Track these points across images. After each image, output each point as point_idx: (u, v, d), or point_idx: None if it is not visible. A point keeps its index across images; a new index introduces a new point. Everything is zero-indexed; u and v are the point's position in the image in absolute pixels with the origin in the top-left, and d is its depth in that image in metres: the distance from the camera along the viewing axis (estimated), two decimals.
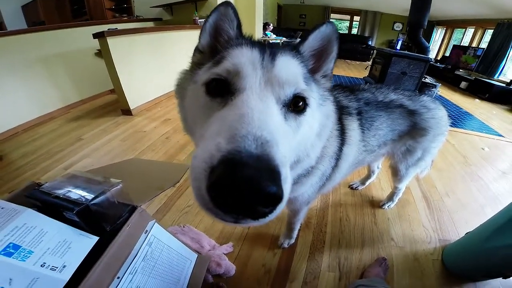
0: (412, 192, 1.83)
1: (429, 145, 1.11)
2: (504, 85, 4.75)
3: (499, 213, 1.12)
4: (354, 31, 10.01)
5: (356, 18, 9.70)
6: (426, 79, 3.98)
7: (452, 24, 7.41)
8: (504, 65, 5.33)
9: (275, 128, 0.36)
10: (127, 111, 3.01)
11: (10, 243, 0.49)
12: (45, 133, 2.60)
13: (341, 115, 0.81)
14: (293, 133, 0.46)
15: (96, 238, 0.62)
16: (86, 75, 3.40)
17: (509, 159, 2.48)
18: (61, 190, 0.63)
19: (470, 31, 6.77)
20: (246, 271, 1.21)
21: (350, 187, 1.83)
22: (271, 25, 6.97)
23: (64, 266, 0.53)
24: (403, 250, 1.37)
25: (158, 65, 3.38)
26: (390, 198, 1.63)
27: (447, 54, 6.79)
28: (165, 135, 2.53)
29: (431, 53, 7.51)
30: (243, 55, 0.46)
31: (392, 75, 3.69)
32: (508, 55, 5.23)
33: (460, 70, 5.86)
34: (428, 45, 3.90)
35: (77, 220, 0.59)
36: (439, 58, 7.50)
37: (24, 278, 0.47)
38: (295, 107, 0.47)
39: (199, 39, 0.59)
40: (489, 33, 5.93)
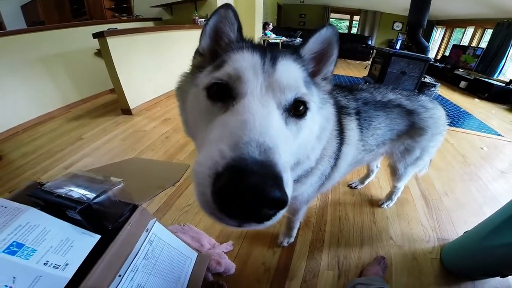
0: (411, 191, 1.84)
1: (428, 144, 1.12)
2: (503, 84, 4.77)
3: (497, 212, 1.13)
4: (354, 31, 10.00)
5: (356, 17, 9.69)
6: (426, 78, 3.98)
7: (451, 24, 7.41)
8: (504, 64, 5.33)
9: (277, 134, 0.37)
10: (127, 111, 3.02)
11: (14, 241, 0.49)
12: (45, 132, 2.60)
13: (340, 115, 0.82)
14: (293, 137, 0.47)
15: (98, 237, 0.62)
16: (86, 75, 3.40)
17: (508, 159, 2.49)
18: (63, 189, 0.63)
19: (469, 31, 6.77)
20: (246, 270, 1.21)
21: (350, 186, 1.84)
22: (271, 24, 6.97)
23: (66, 264, 0.54)
24: (402, 249, 1.38)
25: (157, 64, 3.38)
26: (389, 197, 1.64)
27: (447, 54, 6.79)
28: (164, 134, 2.53)
29: (431, 53, 7.50)
30: (244, 59, 0.46)
31: (392, 74, 3.70)
32: (507, 55, 5.23)
33: (460, 69, 5.86)
34: (428, 44, 3.91)
35: (80, 218, 0.60)
36: (438, 58, 7.50)
37: (27, 276, 0.48)
38: (295, 111, 0.47)
39: (200, 42, 0.58)
40: (488, 32, 5.93)
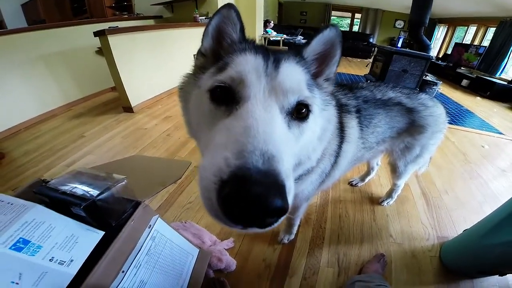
0: (411, 189, 1.84)
1: (427, 142, 1.13)
2: (505, 83, 4.74)
3: (496, 211, 1.13)
4: (355, 29, 9.95)
5: (358, 15, 9.63)
6: (427, 76, 3.97)
7: (454, 22, 7.35)
8: (506, 63, 5.31)
9: (280, 140, 0.37)
10: (128, 109, 3.03)
11: (20, 238, 0.50)
12: (47, 130, 2.61)
13: (340, 113, 0.82)
14: (295, 140, 0.47)
15: (102, 233, 0.63)
16: (87, 73, 3.41)
17: (509, 157, 2.48)
18: (68, 186, 0.64)
19: (472, 29, 6.72)
20: (247, 266, 1.23)
21: (350, 183, 1.85)
22: (272, 22, 6.95)
23: (71, 261, 0.54)
24: (402, 247, 1.38)
25: (158, 62, 3.38)
26: (389, 195, 1.64)
27: (449, 52, 6.75)
28: (166, 132, 2.55)
29: (433, 51, 7.48)
30: (247, 62, 0.46)
31: (393, 72, 3.70)
32: (510, 53, 5.20)
33: (462, 68, 5.83)
34: (429, 43, 3.89)
35: (84, 215, 0.61)
36: (440, 56, 7.47)
37: (33, 273, 0.48)
38: (298, 113, 0.47)
39: (202, 43, 0.58)
40: (491, 31, 5.88)
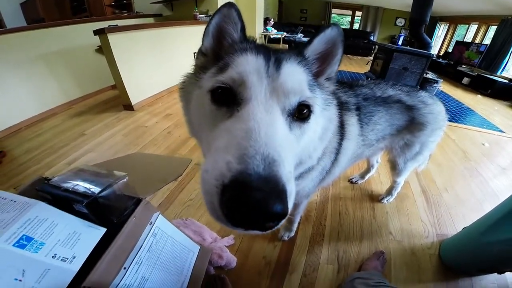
0: (411, 187, 1.85)
1: (427, 139, 1.13)
2: (506, 81, 4.72)
3: (495, 209, 1.13)
4: (356, 26, 9.89)
5: (358, 13, 9.57)
6: (428, 74, 3.96)
7: (455, 20, 7.31)
8: (508, 61, 5.28)
9: (281, 143, 0.37)
10: (128, 106, 3.03)
11: (23, 235, 0.50)
12: (48, 129, 2.62)
13: (341, 110, 0.82)
14: (297, 141, 0.47)
15: (104, 229, 0.63)
16: (87, 71, 3.41)
17: (509, 156, 2.48)
18: (70, 183, 0.65)
19: (473, 27, 6.67)
20: (247, 263, 1.23)
21: (350, 181, 1.85)
22: (272, 20, 6.93)
23: (74, 257, 0.55)
24: (401, 244, 1.39)
25: (158, 60, 3.38)
26: (389, 192, 1.65)
27: (450, 50, 6.73)
28: (166, 129, 2.55)
29: (434, 49, 7.45)
30: (248, 63, 0.45)
31: (394, 70, 3.69)
32: (511, 52, 5.17)
33: (463, 66, 5.81)
34: (430, 41, 3.88)
35: (86, 212, 0.61)
36: (441, 54, 7.43)
37: (36, 269, 0.49)
38: (299, 114, 0.47)
39: (202, 42, 0.57)
40: (492, 29, 5.85)
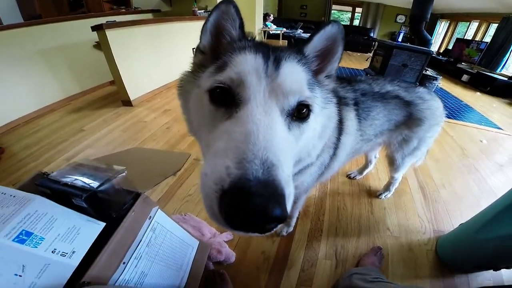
0: (409, 183, 1.86)
1: (425, 135, 1.14)
2: (506, 79, 4.72)
3: (491, 205, 1.14)
4: (356, 23, 9.83)
5: (358, 9, 9.50)
6: (427, 71, 3.96)
7: (456, 17, 7.28)
8: (507, 59, 5.28)
9: (280, 145, 0.37)
10: (127, 102, 3.02)
11: (23, 230, 0.50)
12: (46, 124, 2.61)
13: (339, 105, 0.83)
14: (296, 141, 0.47)
15: (103, 224, 0.63)
16: (85, 67, 3.38)
17: (507, 152, 2.49)
18: (69, 178, 0.65)
19: (474, 25, 6.64)
20: (246, 258, 1.24)
21: (348, 176, 1.86)
22: (272, 15, 6.88)
23: (73, 252, 0.55)
24: (398, 240, 1.40)
25: (157, 56, 3.36)
26: (387, 188, 1.66)
27: (450, 47, 6.71)
28: (165, 125, 2.55)
29: (434, 46, 7.42)
30: (247, 62, 0.45)
31: (393, 67, 3.68)
32: (511, 50, 5.16)
33: (463, 63, 5.80)
34: (430, 38, 3.87)
35: (85, 206, 0.61)
36: (442, 51, 7.41)
37: (36, 264, 0.49)
38: (298, 114, 0.47)
39: (200, 39, 0.56)
40: (493, 27, 5.83)
